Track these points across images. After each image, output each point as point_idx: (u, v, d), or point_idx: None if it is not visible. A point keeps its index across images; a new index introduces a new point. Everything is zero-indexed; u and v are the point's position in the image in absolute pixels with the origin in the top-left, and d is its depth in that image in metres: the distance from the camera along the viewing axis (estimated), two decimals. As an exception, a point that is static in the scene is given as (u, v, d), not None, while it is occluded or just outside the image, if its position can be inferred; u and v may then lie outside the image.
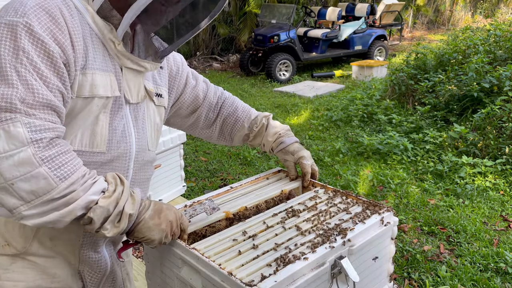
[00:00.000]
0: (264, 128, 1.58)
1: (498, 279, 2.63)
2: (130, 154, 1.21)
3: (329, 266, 1.14)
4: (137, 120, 1.23)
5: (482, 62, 5.32)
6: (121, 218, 1.05)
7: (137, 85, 1.21)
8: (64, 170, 0.96)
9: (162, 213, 1.15)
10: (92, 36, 1.09)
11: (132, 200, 1.08)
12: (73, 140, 1.09)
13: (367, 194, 3.78)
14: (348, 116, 5.85)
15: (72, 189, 0.97)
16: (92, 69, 1.08)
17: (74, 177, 0.97)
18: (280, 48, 9.01)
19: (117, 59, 1.14)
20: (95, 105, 1.10)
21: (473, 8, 17.78)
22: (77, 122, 1.09)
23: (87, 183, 1.00)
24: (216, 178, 4.26)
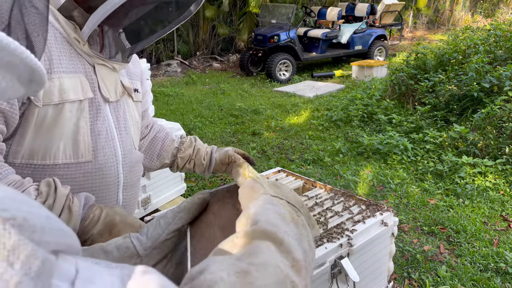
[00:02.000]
0: (194, 140, 1.48)
1: (498, 279, 2.63)
2: (117, 158, 1.13)
3: (329, 266, 1.14)
4: (119, 120, 1.16)
5: (482, 62, 5.32)
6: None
7: (113, 81, 1.13)
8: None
9: (114, 228, 0.98)
10: (56, 36, 1.01)
11: (68, 214, 0.93)
12: (56, 153, 1.01)
13: (367, 194, 3.78)
14: (348, 116, 5.85)
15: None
16: (58, 73, 1.00)
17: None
18: (280, 48, 9.01)
19: (86, 57, 1.07)
20: (68, 111, 1.01)
21: (473, 8, 17.78)
22: (55, 133, 1.00)
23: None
24: (216, 178, 4.26)
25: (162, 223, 0.74)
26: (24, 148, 0.99)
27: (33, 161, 1.01)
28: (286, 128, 5.75)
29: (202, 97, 7.56)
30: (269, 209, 0.60)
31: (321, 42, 9.54)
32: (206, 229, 0.75)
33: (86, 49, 1.05)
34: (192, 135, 5.72)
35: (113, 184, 1.13)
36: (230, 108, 6.73)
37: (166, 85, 8.73)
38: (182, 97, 7.56)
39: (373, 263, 1.32)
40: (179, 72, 9.94)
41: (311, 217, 0.68)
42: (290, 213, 0.62)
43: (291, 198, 0.67)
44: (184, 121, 6.00)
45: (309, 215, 0.68)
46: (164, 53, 10.70)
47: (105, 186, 1.11)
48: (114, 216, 1.00)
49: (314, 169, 4.35)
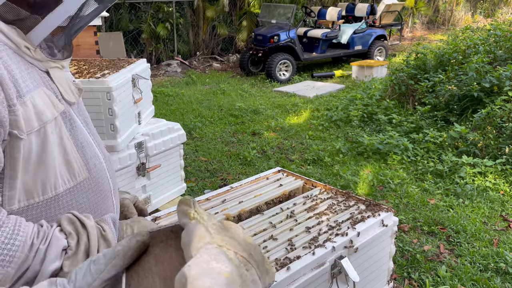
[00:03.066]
0: None
1: (498, 279, 2.63)
2: (102, 165, 1.04)
3: (329, 266, 1.14)
4: (86, 122, 1.06)
5: (482, 62, 5.33)
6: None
7: (67, 82, 1.01)
8: (3, 254, 0.75)
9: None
10: (5, 49, 0.85)
11: (106, 244, 0.88)
12: (56, 182, 0.91)
13: (367, 194, 3.78)
14: (348, 116, 5.85)
15: (24, 268, 0.76)
16: (28, 93, 0.85)
17: (19, 254, 0.76)
18: (280, 48, 9.01)
19: (37, 64, 0.92)
20: (50, 134, 0.89)
21: (473, 8, 17.78)
22: (46, 161, 0.89)
23: (40, 251, 0.78)
24: (216, 178, 4.26)
25: (93, 270, 0.64)
26: (19, 190, 0.87)
27: (33, 200, 0.89)
28: (286, 128, 5.75)
29: (202, 97, 7.56)
30: (212, 271, 0.53)
31: (321, 42, 9.54)
32: (144, 277, 0.65)
33: (39, 54, 0.92)
34: (192, 135, 5.71)
35: (108, 192, 1.07)
36: (230, 108, 6.73)
37: (166, 85, 8.73)
38: (182, 97, 7.56)
39: (373, 263, 1.33)
40: (179, 72, 9.94)
41: (265, 262, 0.62)
42: (239, 269, 0.57)
43: (240, 247, 0.61)
44: (184, 121, 6.01)
45: (262, 261, 0.62)
46: (164, 53, 10.70)
47: (104, 198, 1.05)
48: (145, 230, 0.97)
49: (314, 169, 4.35)
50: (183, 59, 10.74)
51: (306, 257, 1.12)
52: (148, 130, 2.75)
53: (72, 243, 0.82)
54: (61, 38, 0.97)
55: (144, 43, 10.38)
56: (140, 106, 2.75)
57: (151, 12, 10.21)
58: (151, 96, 3.16)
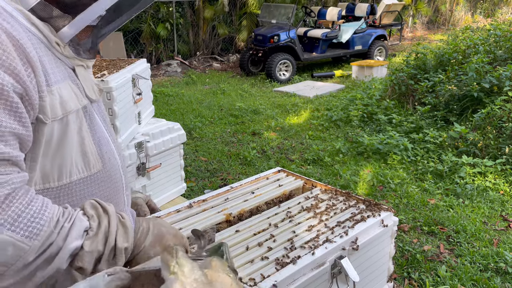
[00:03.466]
0: None
1: (498, 279, 2.63)
2: (117, 161, 1.10)
3: (329, 266, 1.14)
4: (105, 120, 1.12)
5: (482, 62, 5.32)
6: (115, 255, 0.89)
7: (90, 81, 1.08)
8: (32, 225, 0.80)
9: (163, 239, 1.00)
10: (38, 42, 0.91)
11: (124, 230, 0.92)
12: (71, 170, 0.96)
13: (367, 194, 3.78)
14: (348, 116, 5.85)
15: (49, 242, 0.81)
16: (55, 84, 0.92)
17: (46, 228, 0.81)
18: (280, 48, 9.01)
19: (65, 60, 0.99)
20: (72, 124, 0.95)
21: (473, 8, 17.78)
22: (65, 149, 0.94)
23: (64, 228, 0.84)
24: (216, 178, 4.26)
25: None
26: (37, 173, 0.92)
27: (49, 185, 0.94)
28: (286, 128, 5.75)
29: (202, 97, 7.56)
30: None
31: (321, 42, 9.54)
32: None
33: (68, 52, 0.98)
34: (192, 135, 5.71)
35: (120, 188, 1.11)
36: (230, 108, 6.73)
37: (166, 85, 8.74)
38: (182, 97, 7.56)
39: (373, 263, 1.33)
40: (179, 72, 9.94)
41: None
42: None
43: None
44: (184, 121, 6.01)
45: None
46: (164, 53, 10.70)
47: (116, 192, 1.09)
48: (161, 227, 1.00)
49: (314, 169, 4.35)
50: (183, 59, 10.74)
51: (306, 257, 1.12)
52: (148, 130, 2.75)
53: (93, 225, 0.88)
54: (88, 40, 1.03)
55: (144, 43, 10.38)
56: (140, 106, 2.75)
57: (151, 12, 10.21)
58: (151, 96, 3.16)
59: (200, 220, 1.35)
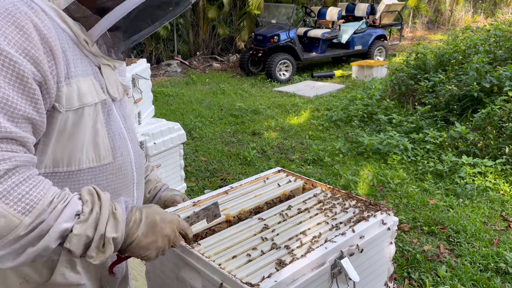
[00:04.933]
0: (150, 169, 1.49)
1: (498, 279, 2.63)
2: (131, 157, 1.14)
3: (329, 266, 1.14)
4: (125, 119, 1.17)
5: (482, 62, 5.32)
6: (104, 243, 0.91)
7: (115, 80, 1.14)
8: (25, 201, 0.83)
9: (156, 227, 1.00)
10: (66, 38, 0.99)
11: (114, 221, 0.94)
12: (80, 158, 1.01)
13: (367, 194, 3.78)
14: (348, 116, 5.85)
15: (40, 220, 0.84)
16: (75, 77, 0.99)
17: (39, 206, 0.84)
18: (280, 48, 9.01)
19: (92, 58, 1.06)
20: (87, 115, 1.01)
21: (473, 8, 17.78)
22: (77, 138, 1.00)
23: (57, 208, 0.86)
24: (216, 178, 4.26)
25: None
26: (47, 157, 0.98)
27: (58, 169, 1.00)
28: (286, 128, 5.75)
29: (202, 97, 7.56)
30: None
31: (321, 42, 9.54)
32: None
33: (95, 50, 1.05)
34: (192, 135, 5.70)
35: (130, 183, 1.15)
36: (230, 108, 6.73)
37: (166, 85, 8.73)
38: (182, 97, 7.56)
39: (373, 263, 1.32)
40: (179, 72, 9.94)
41: None
42: None
43: None
44: (184, 121, 6.01)
45: None
46: (164, 53, 10.70)
47: (124, 186, 1.13)
48: (154, 215, 1.02)
49: (314, 169, 4.35)
50: (183, 59, 10.74)
51: (306, 257, 1.12)
52: (148, 130, 2.75)
53: (86, 210, 0.91)
54: (120, 42, 1.11)
55: (144, 43, 10.38)
56: (140, 106, 2.75)
57: (151, 12, 10.20)
58: (151, 96, 3.16)
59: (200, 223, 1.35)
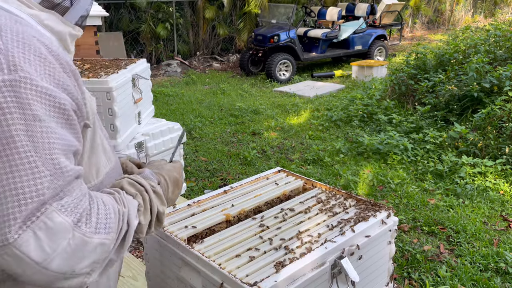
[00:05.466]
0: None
1: (498, 279, 2.63)
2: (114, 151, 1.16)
3: (329, 266, 1.14)
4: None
5: (482, 62, 5.32)
6: (159, 219, 1.03)
7: None
8: (106, 222, 0.85)
9: (178, 183, 1.15)
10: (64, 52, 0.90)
11: (158, 198, 1.04)
12: (102, 167, 1.03)
13: (367, 194, 3.78)
14: (348, 116, 5.85)
15: (119, 230, 0.88)
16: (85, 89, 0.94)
17: (115, 221, 0.87)
18: (280, 48, 9.00)
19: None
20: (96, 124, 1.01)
21: (473, 8, 17.78)
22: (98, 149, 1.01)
23: (124, 214, 0.91)
24: (216, 178, 4.26)
25: None
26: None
27: (90, 184, 0.98)
28: (286, 128, 5.75)
29: (202, 97, 7.56)
30: None
31: (321, 42, 9.53)
32: None
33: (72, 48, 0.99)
34: (192, 135, 5.70)
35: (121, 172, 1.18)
36: (230, 108, 6.73)
37: (166, 85, 8.74)
38: (182, 97, 7.56)
39: (373, 263, 1.33)
40: (179, 72, 9.94)
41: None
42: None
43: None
44: (184, 121, 6.01)
45: None
46: (164, 53, 10.70)
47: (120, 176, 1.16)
48: (172, 173, 1.14)
49: (314, 169, 4.35)
50: (183, 59, 10.74)
51: (306, 257, 1.12)
52: (148, 130, 2.75)
53: (141, 202, 0.97)
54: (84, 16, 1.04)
55: (144, 43, 10.38)
56: (140, 106, 2.75)
57: (151, 12, 10.21)
58: (151, 96, 3.16)
59: (200, 220, 1.35)
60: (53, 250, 0.75)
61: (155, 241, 1.29)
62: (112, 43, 8.73)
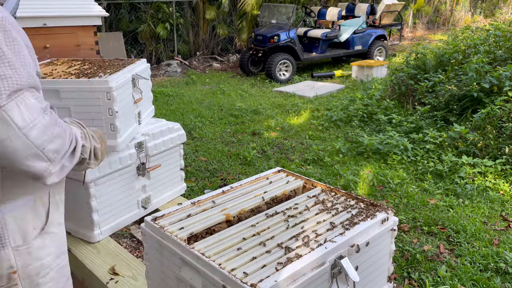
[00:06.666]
0: None
1: (498, 279, 2.63)
2: None
3: (329, 266, 1.14)
4: None
5: (482, 62, 5.32)
6: (95, 154, 1.31)
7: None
8: (62, 125, 1.12)
9: (102, 136, 1.41)
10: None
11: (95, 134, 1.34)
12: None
13: (367, 194, 3.78)
14: (348, 116, 5.85)
15: (72, 141, 1.15)
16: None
17: (66, 128, 1.13)
18: (280, 48, 9.01)
19: None
20: None
21: (473, 8, 17.77)
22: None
23: (72, 132, 1.17)
24: (216, 178, 4.26)
25: None
26: None
27: None
28: (286, 128, 5.75)
29: (202, 97, 7.56)
30: None
31: (321, 42, 9.54)
32: None
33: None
34: (192, 135, 5.70)
35: None
36: (230, 108, 6.73)
37: (166, 85, 8.73)
38: (182, 97, 7.56)
39: (373, 263, 1.33)
40: (179, 72, 9.94)
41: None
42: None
43: None
44: (184, 121, 6.01)
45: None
46: (164, 53, 10.70)
47: None
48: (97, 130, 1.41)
49: (314, 169, 4.35)
50: (183, 59, 10.74)
51: (306, 257, 1.12)
52: (148, 130, 2.75)
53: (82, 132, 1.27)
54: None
55: (144, 43, 10.38)
56: (140, 106, 2.75)
57: (151, 12, 10.20)
58: (151, 96, 3.15)
59: (200, 220, 1.35)
60: (31, 121, 1.01)
61: (155, 241, 1.30)
62: (112, 43, 8.73)
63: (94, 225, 1.98)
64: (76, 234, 2.04)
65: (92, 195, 1.95)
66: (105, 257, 1.89)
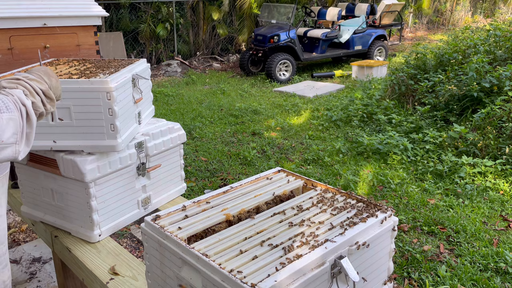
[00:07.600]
0: None
1: (498, 279, 2.63)
2: None
3: (329, 266, 1.14)
4: None
5: (482, 62, 5.33)
6: (48, 95, 1.32)
7: None
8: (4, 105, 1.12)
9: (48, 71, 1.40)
10: None
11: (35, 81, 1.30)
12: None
13: (367, 194, 3.78)
14: (348, 116, 5.85)
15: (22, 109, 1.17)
16: None
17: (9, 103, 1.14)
18: (280, 48, 9.01)
19: None
20: None
21: (473, 8, 17.78)
22: None
23: (15, 100, 1.17)
24: (216, 178, 4.26)
25: None
26: None
27: None
28: (286, 128, 5.75)
29: (202, 97, 7.56)
30: None
31: (321, 42, 9.54)
32: None
33: None
34: (192, 135, 5.71)
35: None
36: (230, 108, 6.73)
37: (166, 85, 8.73)
38: (182, 97, 7.56)
39: (373, 263, 1.33)
40: (179, 72, 9.94)
41: None
42: None
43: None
44: (184, 121, 6.01)
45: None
46: (164, 53, 10.70)
47: None
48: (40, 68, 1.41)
49: (314, 169, 4.35)
50: (183, 59, 10.74)
51: (306, 257, 1.12)
52: (148, 130, 2.75)
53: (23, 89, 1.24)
54: None
55: (144, 43, 10.38)
56: (140, 106, 2.75)
57: (151, 12, 10.20)
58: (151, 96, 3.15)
59: (200, 220, 1.35)
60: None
61: (155, 241, 1.30)
62: (112, 43, 8.73)
63: (94, 225, 1.98)
64: (76, 234, 2.04)
65: (92, 195, 1.95)
66: (105, 257, 1.89)
